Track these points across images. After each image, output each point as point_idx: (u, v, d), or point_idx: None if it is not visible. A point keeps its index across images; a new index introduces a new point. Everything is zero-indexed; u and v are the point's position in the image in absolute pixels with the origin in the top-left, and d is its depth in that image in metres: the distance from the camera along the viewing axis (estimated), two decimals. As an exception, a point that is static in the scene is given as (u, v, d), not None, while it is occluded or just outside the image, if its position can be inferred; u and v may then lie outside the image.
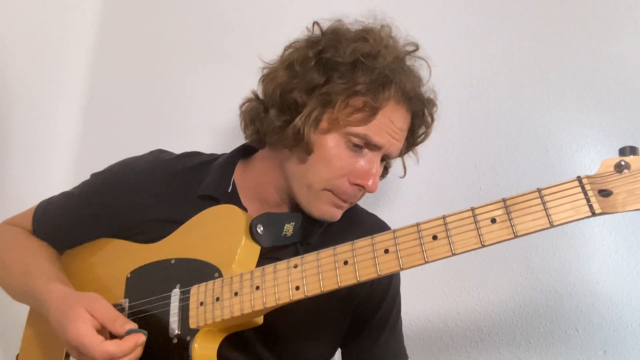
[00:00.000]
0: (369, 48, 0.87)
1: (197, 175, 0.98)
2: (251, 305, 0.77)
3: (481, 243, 0.65)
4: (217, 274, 0.82)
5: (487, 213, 0.66)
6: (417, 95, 0.93)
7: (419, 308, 1.29)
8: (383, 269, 0.70)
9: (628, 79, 1.24)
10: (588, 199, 0.61)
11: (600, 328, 1.16)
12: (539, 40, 1.33)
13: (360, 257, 0.72)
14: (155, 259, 0.90)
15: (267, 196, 0.98)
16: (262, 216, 0.87)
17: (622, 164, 0.59)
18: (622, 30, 1.27)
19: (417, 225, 0.70)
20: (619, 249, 1.18)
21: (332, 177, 0.89)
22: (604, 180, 0.60)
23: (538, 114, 1.30)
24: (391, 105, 0.89)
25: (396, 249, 0.70)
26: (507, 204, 0.65)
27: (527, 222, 0.64)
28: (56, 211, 1.02)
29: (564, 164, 1.26)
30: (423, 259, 0.68)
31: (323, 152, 0.88)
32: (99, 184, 1.02)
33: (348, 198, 0.92)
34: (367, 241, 0.73)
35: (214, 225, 0.88)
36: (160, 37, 1.63)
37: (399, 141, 0.92)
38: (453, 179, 1.33)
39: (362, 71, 0.86)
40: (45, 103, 1.51)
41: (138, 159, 1.03)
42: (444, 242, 0.67)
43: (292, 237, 0.91)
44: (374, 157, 0.90)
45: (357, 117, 0.87)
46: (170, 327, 0.82)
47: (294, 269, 0.76)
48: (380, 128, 0.88)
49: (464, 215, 0.67)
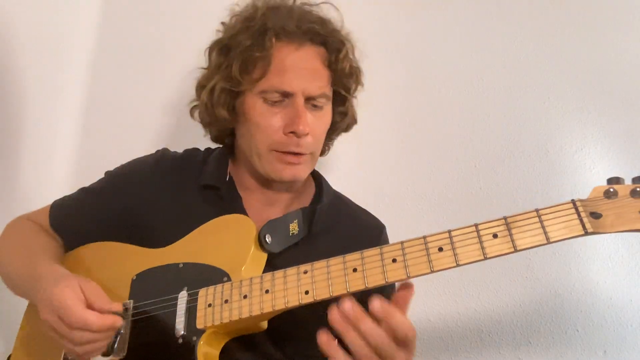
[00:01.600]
0: (247, 13, 0.96)
1: (198, 167, 1.04)
2: (260, 308, 0.79)
3: (484, 256, 0.71)
4: (225, 278, 0.84)
5: (489, 229, 0.72)
6: (301, 27, 0.95)
7: (419, 308, 1.29)
8: (391, 277, 0.74)
9: (628, 79, 1.24)
10: (581, 219, 0.68)
11: (600, 328, 1.16)
12: (539, 40, 1.33)
13: (368, 265, 0.76)
14: (163, 262, 0.92)
15: (247, 184, 1.03)
16: (268, 224, 0.90)
17: (611, 190, 0.68)
18: (622, 30, 1.27)
19: (424, 238, 0.75)
20: (619, 249, 1.18)
21: (268, 136, 0.93)
22: (595, 204, 0.69)
23: (538, 114, 1.30)
24: (280, 48, 0.93)
25: (404, 258, 0.74)
26: (508, 221, 0.71)
27: (526, 238, 0.70)
28: (73, 206, 1.06)
29: (564, 164, 1.26)
30: (429, 268, 0.73)
31: (250, 118, 0.95)
32: (113, 181, 1.06)
33: (291, 149, 0.93)
34: (376, 251, 0.76)
35: (224, 233, 0.91)
36: (160, 37, 1.63)
37: (311, 80, 0.94)
38: (453, 179, 1.33)
39: (243, 33, 0.94)
40: (45, 103, 1.51)
41: (146, 157, 1.08)
42: (449, 254, 0.72)
43: (300, 233, 0.95)
44: (295, 103, 0.93)
45: (257, 74, 0.92)
46: (176, 328, 0.83)
47: (304, 274, 0.78)
48: (282, 75, 0.92)
49: (468, 230, 0.73)
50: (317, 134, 0.97)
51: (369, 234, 1.07)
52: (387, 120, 1.42)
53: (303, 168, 0.97)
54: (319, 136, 0.98)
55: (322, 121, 0.98)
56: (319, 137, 0.98)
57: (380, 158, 1.41)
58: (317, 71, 0.96)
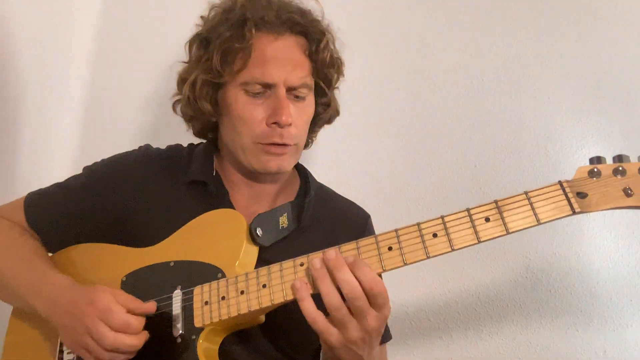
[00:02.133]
0: (226, 5, 0.96)
1: (183, 163, 1.03)
2: (259, 303, 0.78)
3: (477, 239, 0.72)
4: (220, 275, 0.83)
5: (481, 213, 0.73)
6: (281, 17, 0.95)
7: (419, 308, 1.29)
8: (388, 265, 0.74)
9: (627, 79, 1.24)
10: (569, 199, 0.71)
11: (600, 328, 1.16)
12: (539, 40, 1.33)
13: (365, 255, 0.75)
14: (152, 262, 0.90)
15: (233, 178, 1.02)
16: (258, 218, 0.90)
17: (594, 170, 0.71)
18: (622, 30, 1.27)
19: (418, 225, 0.75)
20: (619, 249, 1.19)
21: (251, 129, 0.92)
22: (580, 184, 0.71)
23: (538, 114, 1.30)
24: (260, 38, 0.92)
25: (399, 246, 0.74)
26: (499, 204, 0.73)
27: (517, 220, 0.72)
28: (52, 203, 1.02)
29: (564, 164, 1.26)
30: (425, 254, 0.73)
31: (232, 110, 0.94)
32: (92, 177, 1.03)
33: (274, 140, 0.92)
34: (371, 239, 0.76)
35: (213, 229, 0.89)
36: (160, 37, 1.63)
37: (291, 70, 0.93)
38: (453, 179, 1.33)
39: (222, 24, 0.93)
40: (46, 103, 1.51)
41: (128, 153, 1.06)
42: (444, 240, 0.73)
43: (290, 226, 0.95)
44: (276, 94, 0.92)
45: (238, 65, 0.91)
46: (174, 328, 0.82)
47: (300, 267, 0.78)
48: (262, 66, 0.91)
49: (461, 215, 0.74)
50: (300, 124, 0.96)
51: (355, 223, 1.07)
52: (386, 120, 1.42)
53: (288, 159, 0.96)
54: (302, 127, 0.97)
55: (305, 112, 0.97)
56: (302, 128, 0.97)
57: (379, 158, 1.41)
58: (298, 61, 0.95)
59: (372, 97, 1.16)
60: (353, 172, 1.40)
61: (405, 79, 1.43)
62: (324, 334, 0.73)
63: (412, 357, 1.28)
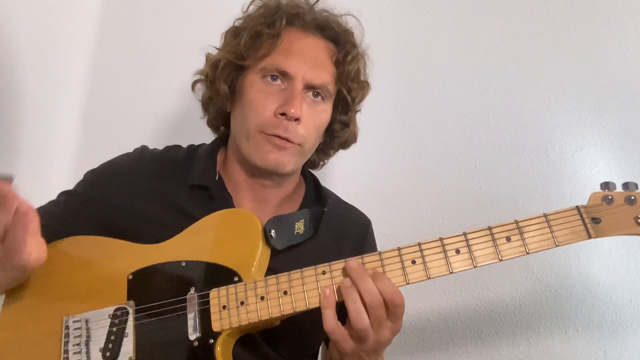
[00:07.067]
0: (268, 3, 0.98)
1: (184, 166, 1.00)
2: (280, 310, 0.78)
3: (499, 258, 0.75)
4: (236, 278, 0.82)
5: (502, 232, 0.76)
6: (317, 20, 0.96)
7: (419, 308, 1.29)
8: (412, 278, 0.77)
9: (628, 79, 1.24)
10: (585, 225, 0.75)
11: (600, 328, 1.16)
12: (539, 40, 1.33)
13: (388, 267, 0.77)
14: (161, 260, 0.87)
15: (237, 179, 0.99)
16: (274, 220, 0.89)
17: (608, 197, 0.75)
18: (622, 30, 1.27)
19: (441, 240, 0.77)
20: (618, 249, 1.19)
21: (259, 115, 0.91)
22: (595, 209, 0.76)
23: (538, 114, 1.30)
24: (290, 32, 0.95)
25: (422, 260, 0.77)
26: (519, 225, 0.76)
27: (537, 242, 0.76)
28: (46, 213, 0.98)
29: (564, 164, 1.26)
30: (448, 270, 0.76)
31: (246, 95, 0.94)
32: (92, 181, 1.01)
33: (278, 132, 0.90)
34: (394, 252, 0.78)
35: (226, 229, 0.87)
36: (160, 37, 1.63)
37: (313, 67, 0.93)
38: (453, 179, 1.33)
39: (260, 12, 0.96)
40: (46, 103, 1.51)
41: (125, 155, 1.04)
42: (467, 257, 0.76)
43: (305, 234, 0.93)
44: (293, 86, 0.91)
45: (263, 51, 0.93)
46: (190, 331, 0.80)
47: (322, 275, 0.78)
48: (285, 55, 0.92)
49: (483, 233, 0.77)
50: (310, 125, 0.93)
51: (360, 230, 1.07)
52: (386, 120, 1.42)
53: (288, 157, 0.92)
54: (311, 129, 0.94)
55: (318, 116, 0.95)
56: (310, 130, 0.93)
57: (380, 158, 1.41)
58: (322, 62, 0.95)
59: (372, 97, 1.15)
60: (353, 174, 1.40)
61: (405, 79, 1.43)
62: (340, 343, 0.75)
63: (412, 357, 1.28)
